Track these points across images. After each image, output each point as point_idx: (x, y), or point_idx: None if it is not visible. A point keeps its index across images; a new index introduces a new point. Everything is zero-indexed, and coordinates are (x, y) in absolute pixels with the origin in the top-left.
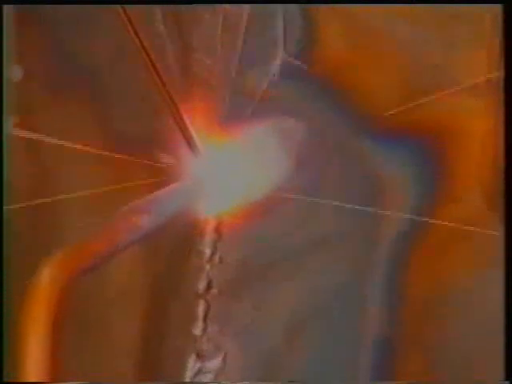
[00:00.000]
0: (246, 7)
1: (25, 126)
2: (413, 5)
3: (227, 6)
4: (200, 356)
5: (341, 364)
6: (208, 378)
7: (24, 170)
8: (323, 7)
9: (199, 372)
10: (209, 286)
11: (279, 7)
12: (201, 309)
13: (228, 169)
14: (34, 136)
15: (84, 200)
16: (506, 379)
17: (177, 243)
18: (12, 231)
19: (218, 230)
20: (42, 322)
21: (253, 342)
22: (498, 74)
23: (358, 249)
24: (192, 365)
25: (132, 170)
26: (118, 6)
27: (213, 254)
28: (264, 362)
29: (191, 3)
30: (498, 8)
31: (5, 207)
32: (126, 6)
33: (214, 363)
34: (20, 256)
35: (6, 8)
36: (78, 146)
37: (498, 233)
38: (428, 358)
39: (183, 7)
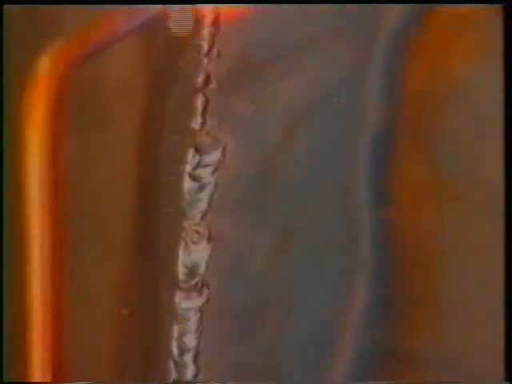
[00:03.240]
0: None
1: None
2: (413, 5)
3: None
4: (199, 150)
5: (341, 160)
6: (207, 171)
7: None
8: None
9: (198, 166)
10: (207, 81)
11: None
12: (199, 103)
13: None
14: None
15: None
16: (506, 379)
17: (173, 37)
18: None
19: (215, 23)
20: (41, 112)
21: (252, 136)
22: None
23: (357, 45)
24: (191, 159)
25: None
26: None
27: (210, 47)
28: (263, 155)
29: (192, 3)
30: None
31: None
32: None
33: (213, 156)
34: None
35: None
36: None
37: (497, 24)
38: (427, 153)
39: None
